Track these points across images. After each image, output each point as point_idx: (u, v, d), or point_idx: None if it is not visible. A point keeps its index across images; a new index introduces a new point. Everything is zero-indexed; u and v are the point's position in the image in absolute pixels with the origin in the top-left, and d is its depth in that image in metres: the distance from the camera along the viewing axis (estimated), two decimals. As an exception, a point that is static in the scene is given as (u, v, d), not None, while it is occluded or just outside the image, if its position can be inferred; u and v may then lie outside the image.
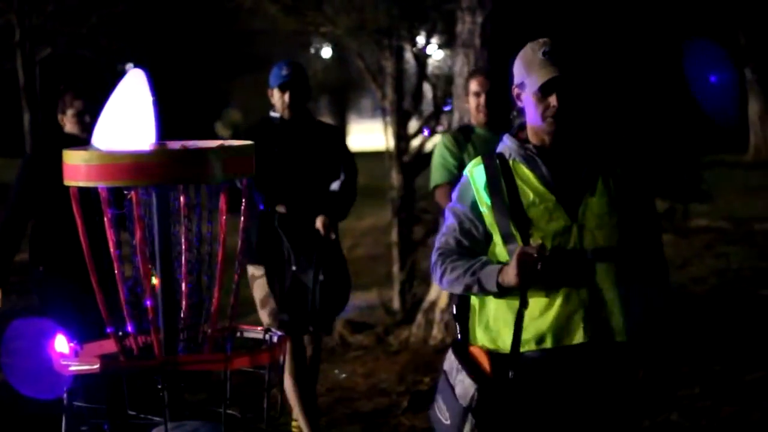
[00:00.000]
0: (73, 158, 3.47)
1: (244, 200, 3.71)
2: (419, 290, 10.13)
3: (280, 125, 6.38)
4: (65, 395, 3.67)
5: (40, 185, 5.87)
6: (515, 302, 3.77)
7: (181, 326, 3.66)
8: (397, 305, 10.38)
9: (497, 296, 3.81)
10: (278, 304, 6.30)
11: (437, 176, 6.59)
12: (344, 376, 6.46)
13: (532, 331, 3.75)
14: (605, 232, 3.80)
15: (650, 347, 3.86)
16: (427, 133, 11.04)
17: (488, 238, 3.88)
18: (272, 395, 3.79)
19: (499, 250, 3.85)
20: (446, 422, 3.82)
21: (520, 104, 3.92)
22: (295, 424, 6.64)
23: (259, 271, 6.39)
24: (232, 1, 12.02)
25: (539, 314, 3.76)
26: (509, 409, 3.75)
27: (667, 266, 4.00)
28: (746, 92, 24.46)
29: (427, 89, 11.42)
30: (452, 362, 3.86)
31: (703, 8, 21.22)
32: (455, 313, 3.99)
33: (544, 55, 3.79)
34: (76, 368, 3.57)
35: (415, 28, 10.99)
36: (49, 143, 6.10)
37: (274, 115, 6.43)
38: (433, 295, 8.91)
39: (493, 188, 3.84)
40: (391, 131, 10.91)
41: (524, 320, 3.75)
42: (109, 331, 3.62)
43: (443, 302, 8.72)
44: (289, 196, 6.29)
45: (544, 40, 3.85)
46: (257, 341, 3.88)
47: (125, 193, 3.50)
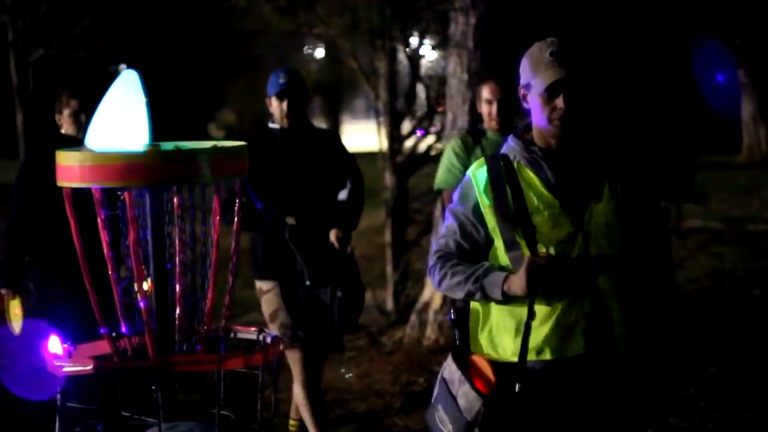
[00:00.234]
0: (66, 159, 3.47)
1: (237, 201, 3.70)
2: (413, 291, 10.13)
3: (281, 137, 6.25)
4: (59, 396, 3.67)
5: (39, 187, 5.86)
6: (518, 310, 3.67)
7: (175, 327, 3.66)
8: (390, 306, 10.38)
9: (501, 304, 3.70)
10: (291, 318, 6.14)
11: (442, 180, 6.50)
12: (350, 375, 6.43)
13: (532, 341, 3.65)
14: (610, 240, 3.69)
15: (654, 358, 3.77)
16: (420, 134, 11.04)
17: (489, 242, 3.77)
18: (266, 396, 3.79)
19: (500, 254, 3.74)
20: None
21: (526, 105, 3.80)
22: (293, 422, 6.61)
23: (267, 285, 6.22)
24: (225, 1, 12.01)
25: (539, 324, 3.65)
26: (515, 423, 3.64)
27: (674, 275, 3.90)
28: (739, 93, 24.50)
29: (420, 90, 11.42)
30: (453, 372, 3.71)
31: (697, 9, 21.23)
32: (454, 318, 3.91)
33: (551, 55, 3.68)
34: (69, 369, 3.57)
35: (408, 29, 11.00)
36: (45, 144, 6.09)
37: (273, 126, 6.29)
38: (426, 295, 8.91)
39: (496, 192, 3.73)
40: (384, 132, 10.91)
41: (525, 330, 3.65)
42: (102, 331, 3.62)
43: (437, 303, 8.72)
44: (297, 207, 6.15)
45: (551, 39, 3.74)
46: (251, 342, 3.88)
47: (119, 194, 3.50)
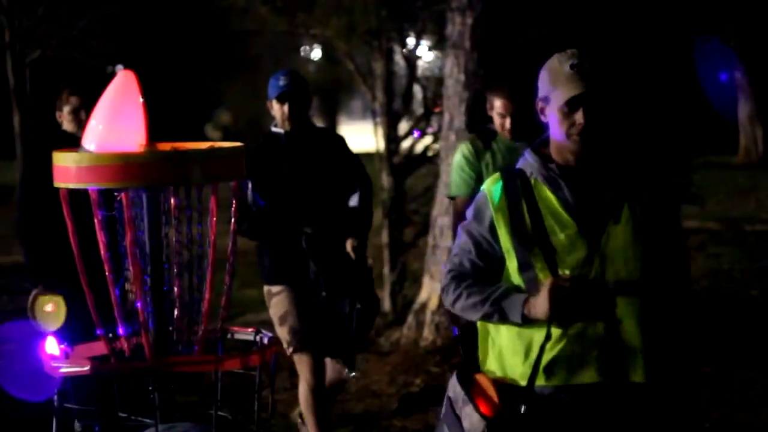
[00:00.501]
0: (63, 160, 3.46)
1: (234, 201, 3.70)
2: (410, 292, 10.13)
3: (285, 140, 6.16)
4: (56, 397, 3.67)
5: (41, 187, 5.86)
6: (528, 332, 3.57)
7: (171, 328, 3.66)
8: (387, 306, 10.38)
9: (518, 326, 3.58)
10: (301, 323, 6.08)
11: (453, 187, 6.39)
12: (353, 375, 6.40)
13: (543, 364, 3.54)
14: (629, 263, 3.55)
15: (673, 392, 3.64)
16: (417, 134, 11.04)
17: (503, 261, 3.65)
18: (263, 397, 3.79)
19: (512, 275, 3.63)
20: None
21: (544, 119, 3.66)
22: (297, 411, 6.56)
23: (276, 288, 6.18)
24: (222, 2, 12.02)
25: (551, 347, 3.54)
26: None
27: (693, 301, 3.79)
28: (736, 94, 24.53)
29: (417, 91, 11.42)
30: (458, 392, 3.63)
31: (693, 10, 21.24)
32: (458, 335, 3.81)
33: (571, 68, 3.54)
34: (66, 370, 3.57)
35: (404, 29, 11.00)
36: (45, 144, 6.08)
37: (277, 130, 6.21)
38: (423, 296, 8.91)
39: (512, 210, 3.61)
40: (381, 133, 10.91)
41: (534, 350, 3.55)
42: (99, 332, 3.61)
43: (434, 303, 8.72)
44: (312, 214, 6.09)
45: (572, 51, 3.59)
46: (248, 343, 3.88)
47: (115, 195, 3.50)
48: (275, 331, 6.13)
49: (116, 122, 3.54)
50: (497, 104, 6.11)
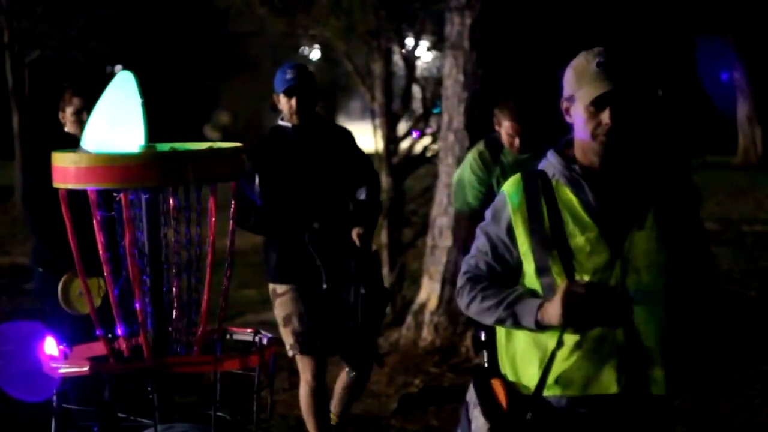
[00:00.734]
0: (62, 161, 3.46)
1: (233, 202, 3.70)
2: (409, 292, 10.13)
3: (293, 134, 6.08)
4: (54, 398, 3.67)
5: (49, 188, 5.86)
6: (544, 339, 3.48)
7: (170, 328, 3.66)
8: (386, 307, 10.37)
9: (533, 332, 3.49)
10: (309, 324, 6.03)
11: (459, 201, 6.32)
12: (354, 374, 6.38)
13: (557, 373, 3.45)
14: (651, 271, 3.44)
15: (694, 403, 3.58)
16: (416, 135, 11.03)
17: (520, 265, 3.55)
18: (262, 397, 3.79)
19: (530, 281, 3.53)
20: None
21: (568, 119, 3.54)
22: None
23: (281, 288, 6.11)
24: (221, 2, 12.01)
25: (567, 356, 3.44)
26: None
27: (719, 310, 3.65)
28: (735, 94, 24.54)
29: (416, 91, 11.41)
30: (472, 394, 3.58)
31: (692, 10, 21.26)
32: (483, 339, 3.71)
33: (598, 66, 3.43)
34: (65, 370, 3.57)
35: (403, 30, 10.99)
36: (48, 145, 6.08)
37: (284, 124, 6.11)
38: (422, 296, 8.91)
39: (531, 211, 3.50)
40: (380, 133, 10.90)
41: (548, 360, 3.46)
42: (98, 333, 3.61)
43: (433, 304, 8.72)
44: (318, 208, 6.02)
45: (599, 49, 3.48)
46: (247, 343, 3.88)
47: (114, 195, 3.50)
48: (278, 330, 6.12)
49: (115, 123, 3.54)
50: (506, 124, 6.11)
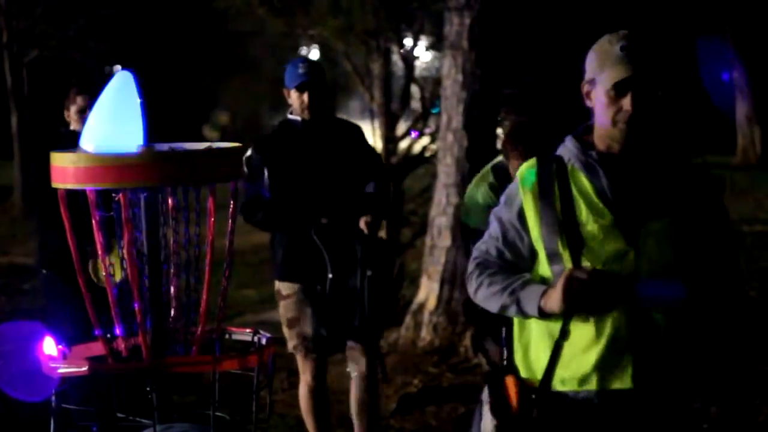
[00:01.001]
0: (60, 160, 3.46)
1: (233, 202, 3.70)
2: (408, 292, 10.12)
3: (302, 129, 5.99)
4: (53, 398, 3.67)
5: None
6: (556, 329, 3.39)
7: (169, 328, 3.66)
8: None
9: (540, 320, 3.40)
10: (315, 325, 5.94)
11: (474, 221, 6.28)
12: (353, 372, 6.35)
13: (574, 368, 3.36)
14: (667, 263, 3.33)
15: (724, 408, 3.50)
16: (415, 135, 11.04)
17: (533, 252, 3.46)
18: (261, 397, 3.79)
19: (543, 269, 3.44)
20: None
21: (589, 103, 3.45)
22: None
23: (286, 289, 6.02)
24: (221, 2, 12.01)
25: (584, 349, 3.34)
26: None
27: (747, 306, 3.50)
28: (734, 94, 24.53)
29: (415, 91, 11.43)
30: (485, 391, 3.52)
31: (691, 10, 21.27)
32: (504, 336, 3.63)
33: (621, 50, 3.32)
34: (64, 370, 3.57)
35: (402, 29, 11.00)
36: (53, 144, 6.07)
37: (294, 118, 6.01)
38: (421, 297, 8.91)
39: (543, 196, 3.40)
40: (379, 133, 10.91)
41: (566, 354, 3.37)
42: (97, 333, 3.61)
43: (432, 304, 8.72)
44: (326, 203, 5.92)
45: (623, 32, 3.38)
46: (246, 343, 3.88)
47: (113, 195, 3.50)
48: (277, 330, 6.07)
49: (114, 123, 3.55)
50: (514, 163, 6.08)
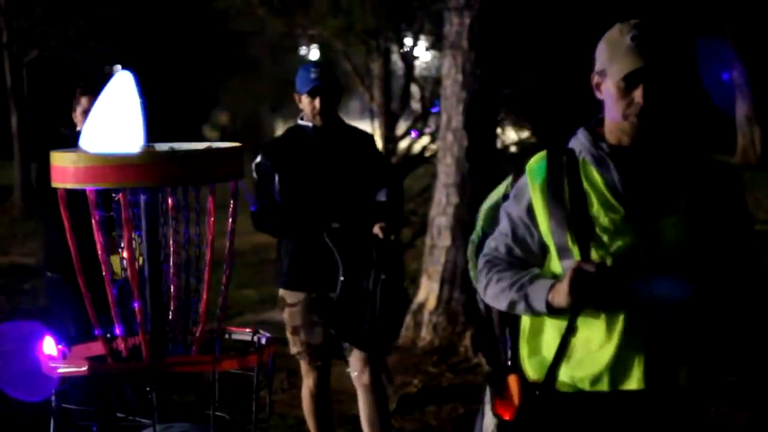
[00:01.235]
0: (60, 160, 3.46)
1: (233, 202, 3.70)
2: (408, 292, 10.13)
3: (313, 135, 5.91)
4: (53, 398, 3.67)
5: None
6: (564, 325, 3.30)
7: (169, 328, 3.66)
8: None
9: (548, 316, 3.32)
10: (320, 334, 5.90)
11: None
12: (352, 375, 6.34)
13: (587, 367, 3.28)
14: (679, 260, 3.22)
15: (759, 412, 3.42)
16: (414, 135, 11.05)
17: (544, 248, 3.37)
18: (261, 397, 3.78)
19: (554, 265, 3.34)
20: None
21: (599, 95, 3.35)
22: None
23: (291, 297, 5.95)
24: (220, 2, 12.03)
25: (598, 348, 3.25)
26: None
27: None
28: (733, 93, 24.53)
29: (414, 91, 11.43)
30: (487, 391, 3.45)
31: (691, 10, 21.27)
32: (509, 334, 3.47)
33: (633, 40, 3.23)
34: (64, 370, 3.57)
35: (402, 29, 11.01)
36: (49, 145, 6.07)
37: (305, 123, 5.93)
38: (421, 296, 8.91)
39: (552, 189, 3.30)
40: (379, 133, 10.92)
41: (578, 352, 3.29)
42: (97, 333, 3.61)
43: (431, 304, 8.72)
44: (338, 209, 5.84)
45: (635, 21, 3.29)
46: (246, 343, 3.88)
47: (113, 195, 3.50)
48: (277, 330, 6.04)
49: (114, 123, 3.55)
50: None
